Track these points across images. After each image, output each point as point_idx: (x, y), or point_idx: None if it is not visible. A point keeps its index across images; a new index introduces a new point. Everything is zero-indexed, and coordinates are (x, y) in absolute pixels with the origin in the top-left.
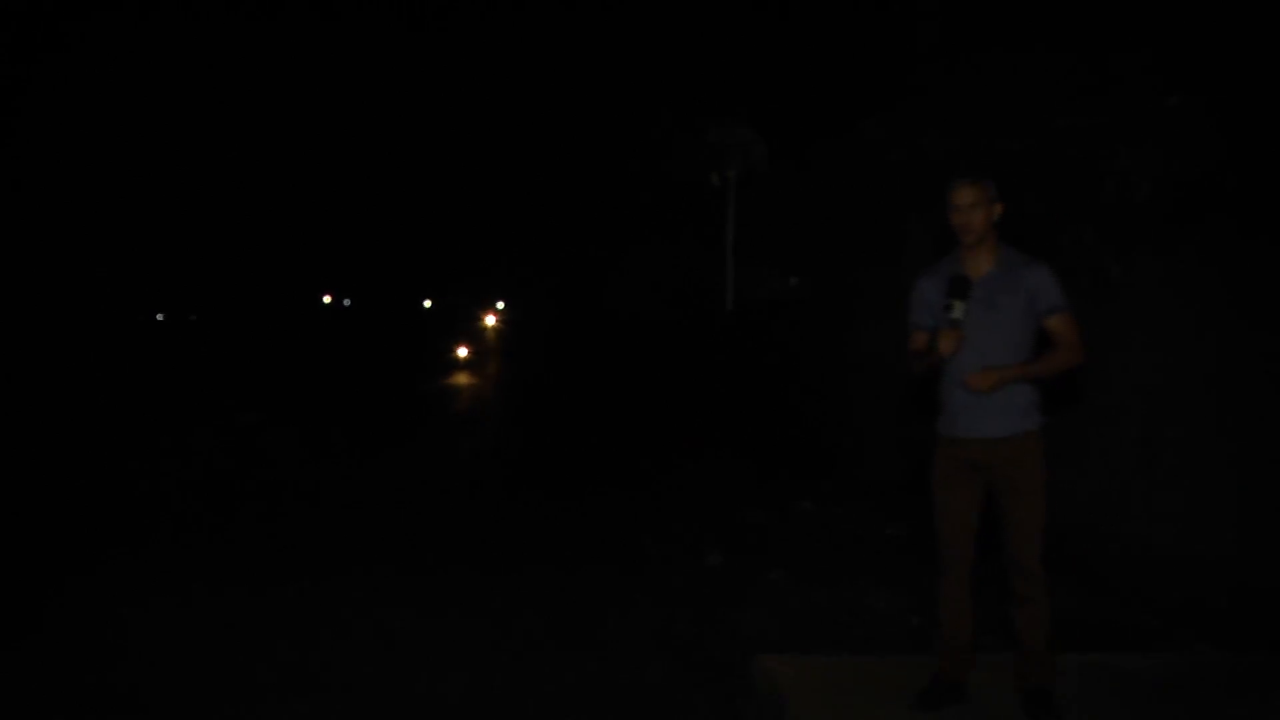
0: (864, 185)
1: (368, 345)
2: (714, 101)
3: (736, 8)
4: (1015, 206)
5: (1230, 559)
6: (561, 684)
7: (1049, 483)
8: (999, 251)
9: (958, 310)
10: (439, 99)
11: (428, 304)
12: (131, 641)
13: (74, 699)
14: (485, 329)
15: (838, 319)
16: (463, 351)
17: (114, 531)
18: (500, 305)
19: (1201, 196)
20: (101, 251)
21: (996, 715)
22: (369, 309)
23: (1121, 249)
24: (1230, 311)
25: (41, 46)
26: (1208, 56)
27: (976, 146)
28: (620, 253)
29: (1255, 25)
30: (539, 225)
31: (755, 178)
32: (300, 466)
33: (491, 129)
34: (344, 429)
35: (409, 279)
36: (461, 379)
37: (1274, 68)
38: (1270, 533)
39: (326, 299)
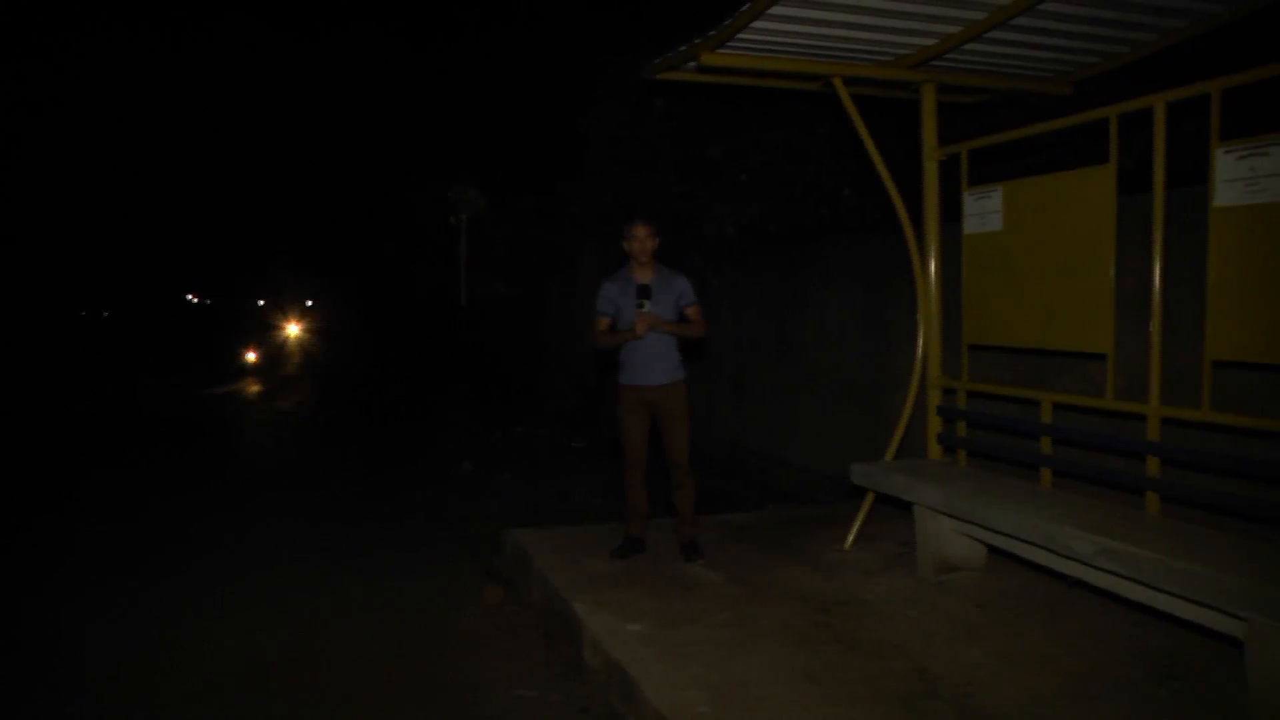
0: (554, 226)
1: (218, 333)
2: (452, 170)
3: (469, 109)
4: (663, 240)
5: (788, 454)
6: (378, 548)
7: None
8: (656, 266)
9: (646, 306)
10: (282, 148)
11: (261, 302)
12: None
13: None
14: (294, 325)
15: (535, 311)
16: (250, 356)
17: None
18: (309, 303)
19: (755, 234)
20: (43, 263)
21: (665, 558)
22: (219, 306)
23: (716, 265)
24: (774, 297)
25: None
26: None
27: (629, 204)
28: (396, 267)
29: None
30: (344, 245)
31: (480, 220)
32: (180, 411)
33: (313, 180)
34: (212, 384)
35: (248, 282)
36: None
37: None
38: (807, 439)
39: (193, 298)
